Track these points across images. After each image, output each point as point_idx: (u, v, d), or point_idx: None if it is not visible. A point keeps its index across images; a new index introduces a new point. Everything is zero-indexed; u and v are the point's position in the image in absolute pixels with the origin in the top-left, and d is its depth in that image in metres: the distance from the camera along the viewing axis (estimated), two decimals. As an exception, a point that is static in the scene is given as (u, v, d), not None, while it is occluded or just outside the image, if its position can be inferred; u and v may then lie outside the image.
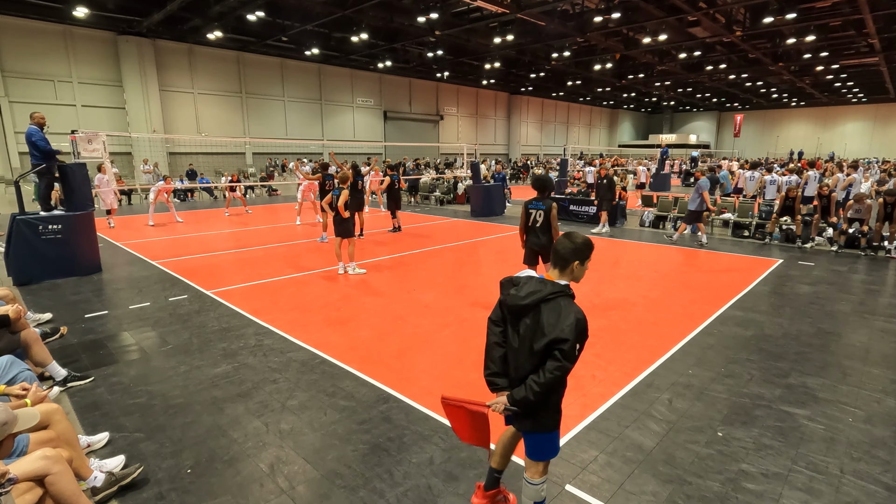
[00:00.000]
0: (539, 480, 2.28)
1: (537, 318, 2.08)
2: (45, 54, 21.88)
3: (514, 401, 2.12)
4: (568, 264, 2.19)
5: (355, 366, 4.38)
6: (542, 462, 2.28)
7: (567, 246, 2.18)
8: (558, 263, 2.21)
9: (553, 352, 2.02)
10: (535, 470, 2.28)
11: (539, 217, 5.44)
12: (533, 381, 2.06)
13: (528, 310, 2.11)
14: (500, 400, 2.16)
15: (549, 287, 2.11)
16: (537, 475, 2.28)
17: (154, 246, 10.23)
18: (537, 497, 2.30)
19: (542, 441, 2.25)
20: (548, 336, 2.02)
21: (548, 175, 5.87)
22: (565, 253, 2.18)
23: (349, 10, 19.46)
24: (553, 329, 2.02)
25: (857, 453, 3.14)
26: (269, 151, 29.87)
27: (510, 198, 18.04)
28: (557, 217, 5.45)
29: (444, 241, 10.79)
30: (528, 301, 2.10)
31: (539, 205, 5.45)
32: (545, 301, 2.08)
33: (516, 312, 2.16)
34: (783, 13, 19.26)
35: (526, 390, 2.07)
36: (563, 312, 2.04)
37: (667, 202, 13.17)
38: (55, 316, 5.67)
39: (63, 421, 2.76)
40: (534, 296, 2.10)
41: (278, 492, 2.77)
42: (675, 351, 4.74)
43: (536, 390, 2.04)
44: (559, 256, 2.20)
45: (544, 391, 2.05)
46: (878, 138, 47.47)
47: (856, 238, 9.65)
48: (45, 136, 7.33)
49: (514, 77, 36.31)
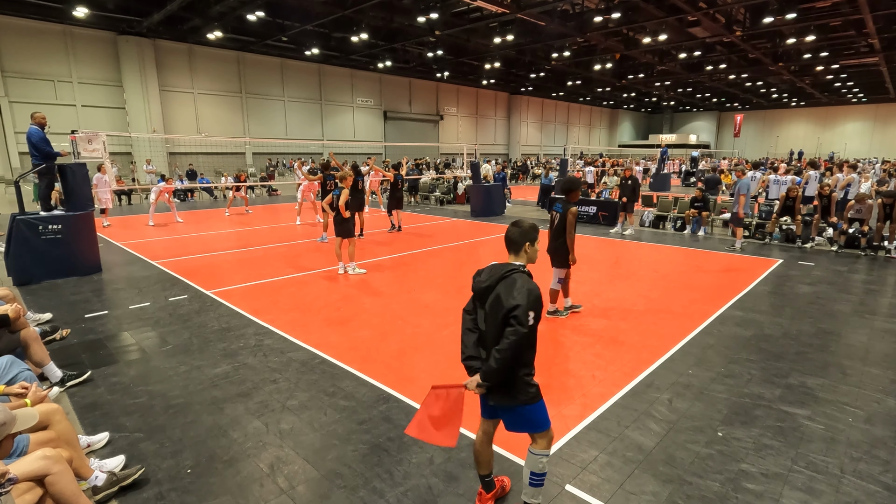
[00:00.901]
0: (540, 451, 2.42)
1: (497, 296, 2.29)
2: (45, 54, 21.90)
3: (483, 374, 2.29)
4: (520, 247, 2.44)
5: (355, 366, 4.38)
6: (543, 434, 2.43)
7: (515, 231, 2.45)
8: (511, 248, 2.46)
9: (509, 318, 2.22)
10: (539, 443, 2.44)
11: (556, 219, 5.43)
12: (495, 350, 2.24)
13: (490, 290, 2.33)
14: (473, 378, 2.34)
15: (505, 267, 2.36)
16: (539, 447, 2.43)
17: (154, 246, 10.23)
18: (536, 467, 2.43)
19: (530, 413, 2.39)
20: (505, 306, 2.23)
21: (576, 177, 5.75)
22: (515, 237, 2.44)
23: (349, 10, 19.47)
24: (508, 299, 2.23)
25: (857, 453, 3.13)
26: (269, 151, 29.87)
27: (510, 198, 18.05)
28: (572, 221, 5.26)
29: (444, 241, 10.79)
30: (488, 282, 2.33)
31: (558, 207, 5.40)
32: (502, 279, 2.31)
33: (481, 296, 2.38)
34: (783, 13, 19.26)
35: (492, 361, 2.24)
36: (517, 284, 2.26)
37: (667, 202, 13.17)
38: (55, 316, 5.66)
39: (63, 421, 2.76)
40: (491, 277, 2.34)
41: (278, 492, 2.77)
42: (675, 351, 4.74)
43: (497, 356, 2.21)
44: (511, 241, 2.45)
45: (505, 357, 2.20)
46: (878, 138, 47.48)
47: (856, 238, 9.65)
48: (45, 137, 7.33)
49: (514, 77, 36.32)
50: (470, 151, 17.64)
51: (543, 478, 2.48)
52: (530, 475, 2.45)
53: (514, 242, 2.44)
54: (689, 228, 11.86)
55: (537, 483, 2.46)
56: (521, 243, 2.43)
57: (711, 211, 12.08)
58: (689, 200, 12.21)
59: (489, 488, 2.60)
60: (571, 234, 5.26)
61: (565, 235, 5.30)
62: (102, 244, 9.52)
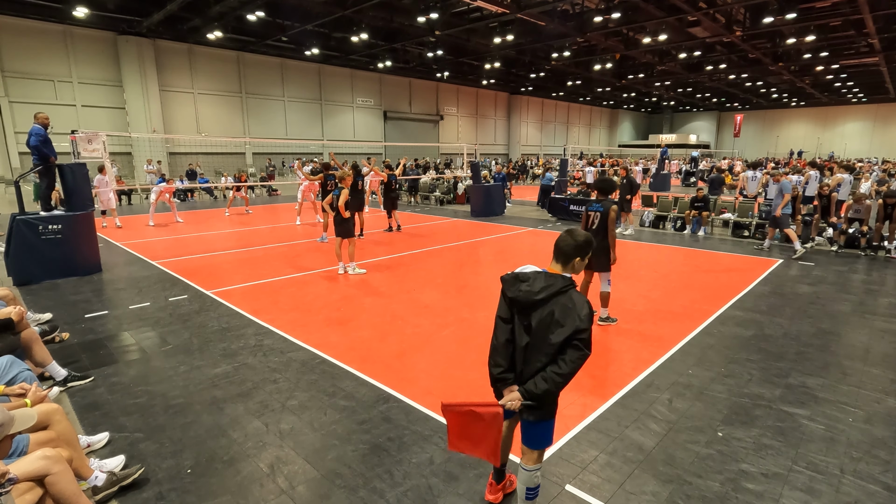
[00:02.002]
0: (534, 467, 2.38)
1: (551, 312, 2.15)
2: (45, 54, 21.90)
3: (531, 395, 2.16)
4: (570, 260, 2.30)
5: (355, 366, 4.38)
6: (539, 451, 2.37)
7: (570, 243, 2.29)
8: (560, 258, 2.31)
9: (573, 342, 2.11)
10: (531, 458, 2.37)
11: (596, 220, 5.26)
12: (554, 372, 2.12)
13: (540, 304, 2.18)
14: (513, 396, 2.19)
15: (559, 281, 2.20)
16: (532, 462, 2.37)
17: (154, 246, 10.23)
18: (531, 482, 2.40)
19: (544, 429, 2.33)
20: (567, 327, 2.10)
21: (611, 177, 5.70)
22: (568, 249, 2.29)
23: (349, 10, 19.47)
24: (572, 320, 2.10)
25: (857, 453, 3.13)
26: (270, 151, 29.87)
27: (510, 198, 18.04)
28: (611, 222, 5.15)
29: (444, 241, 10.79)
30: (543, 295, 2.17)
31: (598, 206, 5.25)
32: (559, 294, 2.17)
33: (528, 308, 2.21)
34: (783, 13, 19.27)
35: (548, 383, 2.12)
36: (577, 304, 2.14)
37: (667, 202, 13.17)
38: (55, 316, 5.66)
39: (63, 421, 2.76)
40: (547, 290, 2.18)
41: (278, 492, 2.77)
42: (675, 351, 4.74)
43: (559, 381, 2.12)
44: (562, 252, 2.30)
45: (565, 381, 2.13)
46: (878, 138, 47.48)
47: (856, 238, 9.65)
48: (47, 138, 7.32)
49: (514, 77, 36.33)
50: (470, 151, 17.66)
51: (538, 490, 2.45)
52: (526, 491, 2.41)
53: (565, 254, 2.29)
54: (689, 228, 11.86)
55: (533, 496, 2.43)
56: (572, 256, 2.29)
57: (712, 211, 12.09)
58: (689, 200, 12.21)
59: (500, 479, 2.63)
60: (613, 232, 5.20)
61: (606, 235, 5.20)
62: (102, 244, 9.52)
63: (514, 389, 2.22)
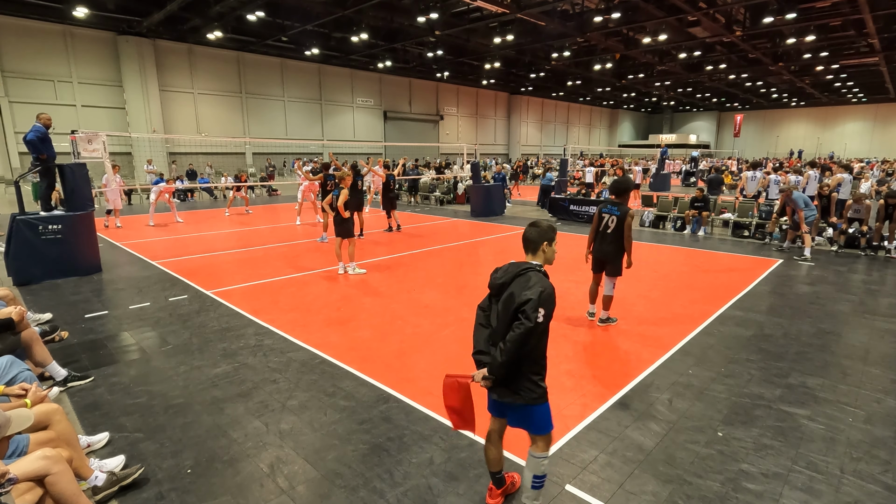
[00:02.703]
0: (541, 454, 2.45)
1: (511, 293, 2.33)
2: (45, 54, 21.89)
3: (489, 367, 2.32)
4: (538, 247, 2.47)
5: (355, 366, 4.38)
6: (543, 437, 2.45)
7: (533, 231, 2.48)
8: (529, 247, 2.49)
9: (518, 313, 2.26)
10: (538, 445, 2.45)
11: (611, 223, 5.11)
12: (501, 343, 2.29)
13: (505, 287, 2.37)
14: (480, 371, 2.38)
15: (521, 265, 2.39)
16: (539, 449, 2.45)
17: (154, 246, 10.23)
18: (537, 469, 2.46)
19: (535, 413, 2.41)
20: (515, 303, 2.27)
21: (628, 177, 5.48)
22: (532, 237, 2.47)
23: (349, 10, 19.47)
24: (520, 294, 2.27)
25: (857, 453, 3.13)
26: (270, 151, 29.87)
27: (510, 198, 18.05)
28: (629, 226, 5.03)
29: (444, 241, 10.79)
30: (504, 279, 2.37)
31: (614, 210, 5.09)
32: (517, 276, 2.35)
33: (496, 292, 2.41)
34: (783, 13, 19.26)
35: (496, 353, 2.29)
36: (531, 281, 2.30)
37: (667, 202, 13.17)
38: (55, 316, 5.66)
39: (63, 421, 2.76)
40: (507, 274, 2.38)
41: (278, 492, 2.77)
42: (675, 351, 4.74)
43: (502, 349, 2.25)
44: (529, 241, 2.48)
45: (509, 350, 2.23)
46: (878, 138, 47.48)
47: (856, 238, 9.65)
48: (47, 138, 7.31)
49: (514, 77, 36.32)
50: (470, 151, 17.66)
51: (544, 479, 2.50)
52: (532, 478, 2.46)
53: (531, 242, 2.47)
54: (689, 228, 11.86)
55: (539, 485, 2.48)
56: (538, 243, 2.45)
57: (712, 211, 12.09)
58: (689, 200, 12.21)
59: (500, 485, 2.64)
60: (630, 238, 5.09)
61: (621, 240, 5.08)
62: (102, 244, 9.52)
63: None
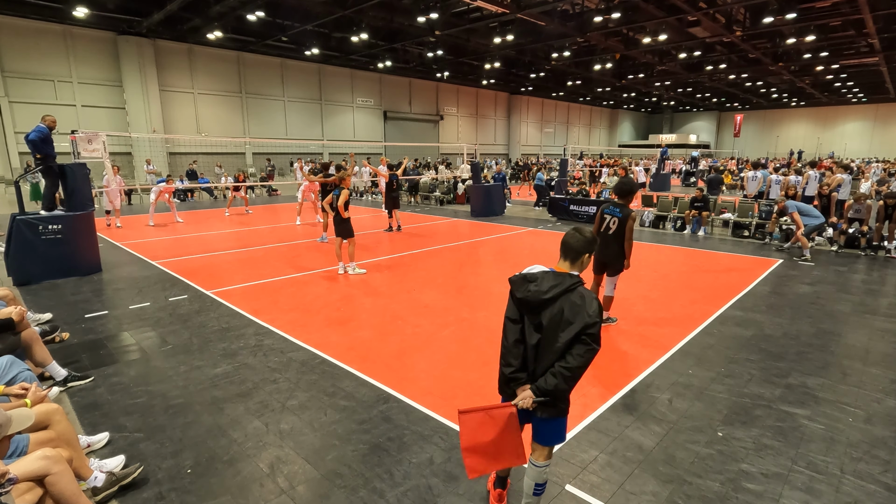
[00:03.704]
0: (544, 463, 2.40)
1: (560, 310, 2.18)
2: (45, 54, 21.88)
3: (542, 391, 2.19)
4: (580, 257, 2.33)
5: (355, 366, 4.38)
6: (549, 447, 2.40)
7: (580, 240, 2.33)
8: (570, 255, 2.34)
9: (582, 337, 2.13)
10: (542, 454, 2.39)
11: (613, 224, 5.07)
12: (563, 368, 2.14)
13: (550, 303, 2.20)
14: (525, 395, 2.21)
15: (568, 279, 2.23)
16: (543, 458, 2.39)
17: (154, 246, 10.23)
18: (539, 478, 2.41)
19: (557, 426, 2.36)
20: (577, 324, 2.13)
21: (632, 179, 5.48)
22: (578, 246, 2.32)
23: (349, 10, 19.46)
24: (581, 317, 2.13)
25: (857, 453, 3.14)
26: (270, 151, 29.86)
27: (510, 198, 18.04)
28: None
29: (444, 241, 10.79)
30: (551, 294, 2.19)
31: (616, 211, 5.05)
32: (567, 292, 2.20)
33: (537, 307, 2.22)
34: (783, 13, 19.26)
35: (557, 378, 2.15)
36: (587, 300, 2.17)
37: (667, 202, 13.17)
38: (55, 316, 5.66)
39: (63, 421, 2.76)
40: (556, 289, 2.20)
41: (278, 492, 2.77)
42: (675, 351, 4.74)
43: (568, 375, 2.14)
44: (572, 249, 2.32)
45: (576, 376, 2.15)
46: (878, 138, 47.47)
47: (856, 238, 9.65)
48: (49, 138, 7.30)
49: (514, 77, 36.30)
50: (470, 151, 17.65)
51: (545, 486, 2.48)
52: (534, 486, 2.42)
53: (575, 251, 2.32)
54: (689, 228, 11.86)
55: (540, 492, 2.45)
56: (581, 253, 2.32)
57: (712, 211, 12.08)
58: (689, 200, 12.21)
59: (504, 485, 2.63)
60: (631, 240, 5.09)
61: (623, 241, 5.06)
62: (102, 244, 9.52)
63: (527, 388, 2.23)
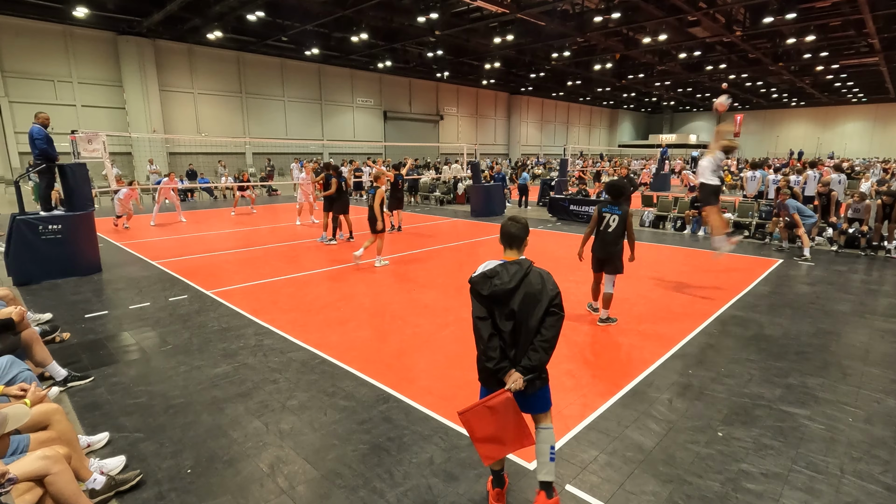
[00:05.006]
0: (550, 425, 2.57)
1: (525, 293, 2.36)
2: (45, 54, 21.87)
3: (530, 369, 2.35)
4: (523, 241, 2.53)
5: (355, 366, 4.38)
6: (547, 412, 2.58)
7: (517, 227, 2.51)
8: (515, 243, 2.51)
9: (550, 309, 2.35)
10: (545, 418, 2.57)
11: (613, 222, 5.29)
12: (541, 342, 2.35)
13: (515, 290, 2.37)
14: (514, 377, 2.34)
15: (524, 264, 2.42)
16: (549, 420, 2.57)
17: (154, 246, 10.22)
18: (552, 440, 2.55)
19: (546, 393, 2.56)
20: (544, 300, 2.35)
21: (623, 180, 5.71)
22: (519, 232, 2.51)
23: (349, 10, 19.46)
24: (545, 292, 2.36)
25: (857, 453, 3.13)
26: (270, 151, 29.86)
27: (510, 198, 18.04)
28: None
29: (444, 241, 10.79)
30: (515, 283, 2.37)
31: (615, 209, 5.28)
32: (526, 276, 2.38)
33: (504, 298, 2.38)
34: (783, 13, 19.26)
35: (539, 352, 2.35)
36: (544, 277, 2.40)
37: (667, 202, 13.17)
38: (55, 316, 5.66)
39: (63, 421, 2.76)
40: (517, 276, 2.38)
41: (278, 492, 2.77)
42: (675, 351, 4.74)
43: (547, 347, 2.35)
44: (516, 237, 2.50)
45: (553, 344, 2.37)
46: (878, 138, 47.46)
47: (856, 238, 9.65)
48: (49, 137, 7.32)
49: (514, 77, 36.30)
50: (470, 151, 17.63)
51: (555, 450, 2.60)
52: (550, 450, 2.51)
53: (517, 238, 2.50)
54: (689, 228, 11.86)
55: (554, 457, 2.55)
56: (523, 238, 2.51)
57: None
58: (689, 200, 12.21)
59: (502, 484, 2.66)
60: (633, 233, 5.38)
61: (624, 239, 5.30)
62: (102, 244, 9.52)
63: (513, 372, 2.36)
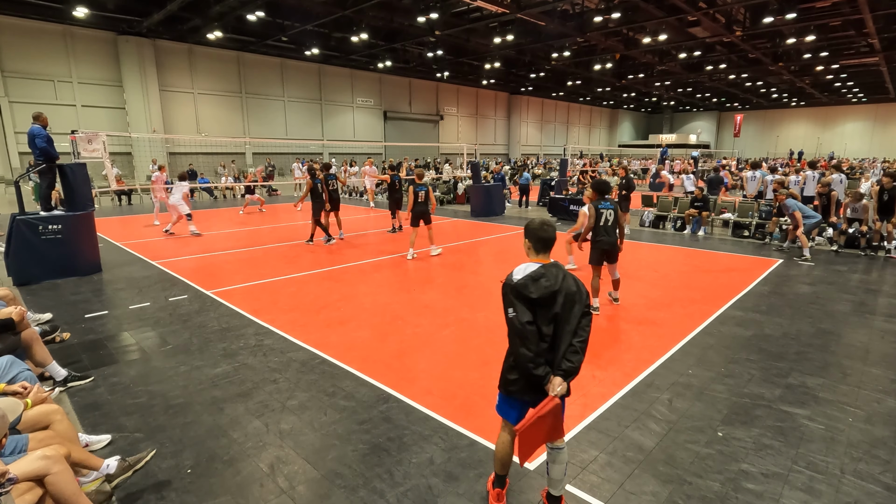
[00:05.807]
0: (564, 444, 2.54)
1: (565, 294, 2.36)
2: (45, 54, 21.87)
3: (571, 372, 2.34)
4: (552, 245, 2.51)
5: (355, 366, 4.38)
6: None
7: (551, 231, 2.49)
8: (548, 247, 2.49)
9: (585, 309, 2.38)
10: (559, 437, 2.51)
11: (610, 216, 5.73)
12: (580, 342, 2.35)
13: (559, 292, 2.38)
14: (557, 383, 2.32)
15: (560, 267, 2.45)
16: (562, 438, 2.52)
17: (154, 246, 10.23)
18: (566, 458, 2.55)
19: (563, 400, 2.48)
20: (580, 302, 2.37)
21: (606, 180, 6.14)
22: (553, 236, 2.49)
23: (349, 10, 19.46)
24: (580, 295, 2.39)
25: (857, 453, 3.13)
26: (270, 151, 29.86)
27: (510, 198, 18.04)
28: None
29: (444, 241, 10.78)
30: (559, 284, 2.38)
31: (608, 205, 5.75)
32: (564, 278, 2.40)
33: (551, 299, 2.36)
34: (783, 13, 19.25)
35: (579, 353, 2.34)
36: (576, 279, 2.43)
37: (667, 202, 13.16)
38: (55, 316, 5.66)
39: (63, 421, 2.76)
40: (559, 277, 2.40)
41: (278, 492, 2.77)
42: (675, 351, 4.74)
43: (584, 347, 2.36)
44: (550, 242, 2.48)
45: (586, 345, 2.38)
46: (878, 138, 47.46)
47: (856, 238, 9.65)
48: (49, 137, 7.32)
49: (514, 77, 36.29)
50: (470, 151, 17.65)
51: None
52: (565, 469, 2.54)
53: (552, 241, 2.47)
54: (689, 228, 11.86)
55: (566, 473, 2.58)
56: (554, 242, 2.50)
57: (712, 211, 12.08)
58: (689, 200, 12.21)
59: (503, 485, 2.67)
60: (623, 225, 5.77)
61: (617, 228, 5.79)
62: (102, 244, 9.52)
63: (554, 377, 2.33)
